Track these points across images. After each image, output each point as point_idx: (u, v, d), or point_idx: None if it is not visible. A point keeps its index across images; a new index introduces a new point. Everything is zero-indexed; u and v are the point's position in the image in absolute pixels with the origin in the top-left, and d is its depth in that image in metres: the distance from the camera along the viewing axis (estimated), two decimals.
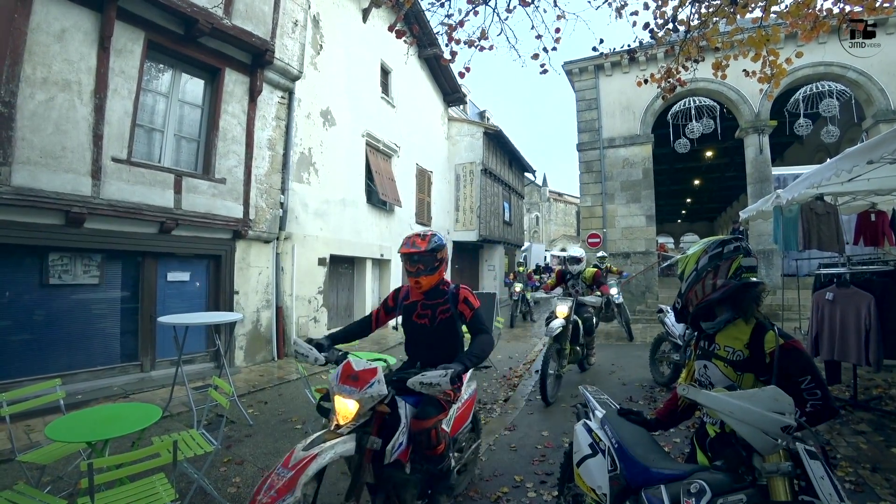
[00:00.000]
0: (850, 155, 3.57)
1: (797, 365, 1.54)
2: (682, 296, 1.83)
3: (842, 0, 3.62)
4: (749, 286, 1.67)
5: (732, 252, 1.70)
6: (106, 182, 5.28)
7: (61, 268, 5.25)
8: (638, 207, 12.64)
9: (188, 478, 3.05)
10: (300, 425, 4.59)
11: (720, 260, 1.70)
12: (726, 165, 18.02)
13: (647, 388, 5.60)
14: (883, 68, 10.56)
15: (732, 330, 1.71)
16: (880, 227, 5.68)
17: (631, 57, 11.75)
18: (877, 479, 3.05)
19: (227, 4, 6.35)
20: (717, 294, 1.68)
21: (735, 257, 1.69)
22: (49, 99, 4.85)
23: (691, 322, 1.83)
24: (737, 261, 1.68)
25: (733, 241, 1.73)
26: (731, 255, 1.69)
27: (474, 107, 26.68)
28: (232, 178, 6.82)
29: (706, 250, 1.75)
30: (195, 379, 5.78)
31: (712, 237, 1.84)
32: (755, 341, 1.62)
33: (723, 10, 3.97)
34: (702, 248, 1.78)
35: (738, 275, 1.67)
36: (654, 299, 12.09)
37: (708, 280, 1.71)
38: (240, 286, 7.08)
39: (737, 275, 1.67)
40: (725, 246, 1.72)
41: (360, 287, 10.99)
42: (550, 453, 3.78)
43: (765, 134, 11.45)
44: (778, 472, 1.27)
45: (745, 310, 1.69)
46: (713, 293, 1.70)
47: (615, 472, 1.79)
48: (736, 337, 1.68)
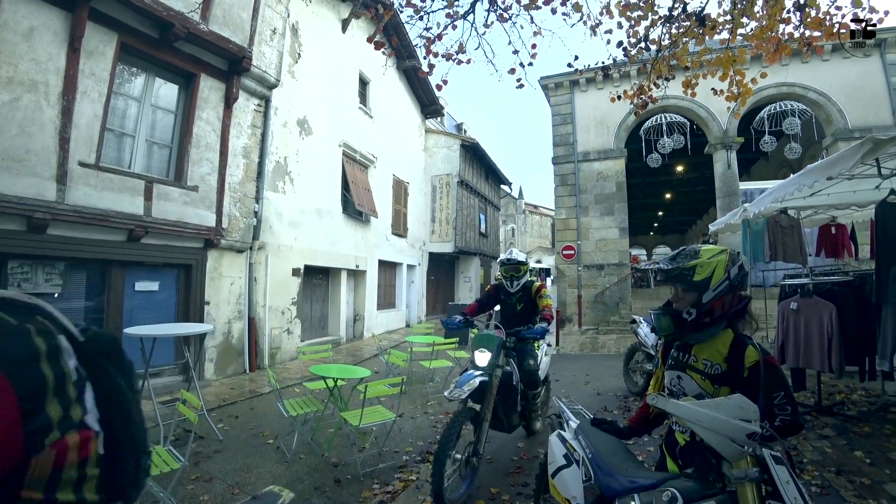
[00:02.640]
0: (811, 171, 3.74)
1: (773, 380, 1.57)
2: (700, 305, 1.65)
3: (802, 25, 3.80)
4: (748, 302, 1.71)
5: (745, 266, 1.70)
6: (72, 187, 5.11)
7: (21, 276, 5.02)
8: (611, 220, 12.91)
9: (153, 496, 2.93)
10: (272, 440, 4.47)
11: (745, 272, 1.69)
12: (696, 180, 18.59)
13: (622, 398, 5.67)
14: (841, 90, 11.14)
15: (713, 344, 1.70)
16: (840, 240, 5.94)
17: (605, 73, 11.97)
18: (841, 481, 3.15)
19: (204, 9, 6.26)
20: (739, 306, 1.67)
21: (749, 272, 1.71)
22: (14, 99, 4.68)
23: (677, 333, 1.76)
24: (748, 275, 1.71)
25: (739, 253, 1.72)
26: (747, 270, 1.70)
27: (452, 119, 26.89)
28: (205, 185, 6.68)
29: (733, 260, 1.67)
30: (162, 393, 5.58)
31: (721, 246, 1.75)
32: (734, 355, 1.63)
33: (692, 31, 4.12)
34: (726, 257, 1.67)
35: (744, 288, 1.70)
36: (627, 310, 12.30)
37: (736, 292, 1.67)
38: (211, 297, 6.91)
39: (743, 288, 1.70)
40: (741, 258, 1.70)
41: (335, 298, 10.86)
42: (526, 465, 3.78)
43: (732, 150, 11.88)
44: (746, 478, 1.30)
45: (737, 325, 1.72)
46: (738, 305, 1.67)
47: (590, 482, 1.80)
48: (716, 350, 1.68)
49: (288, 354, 8.40)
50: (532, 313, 4.06)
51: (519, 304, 4.16)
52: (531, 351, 3.91)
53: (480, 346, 3.46)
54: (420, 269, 15.75)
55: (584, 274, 12.97)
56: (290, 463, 3.89)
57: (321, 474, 3.70)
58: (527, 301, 4.13)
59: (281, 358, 8.28)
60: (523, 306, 4.15)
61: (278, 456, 4.05)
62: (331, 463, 3.90)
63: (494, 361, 3.37)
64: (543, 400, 4.42)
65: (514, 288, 4.10)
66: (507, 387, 3.50)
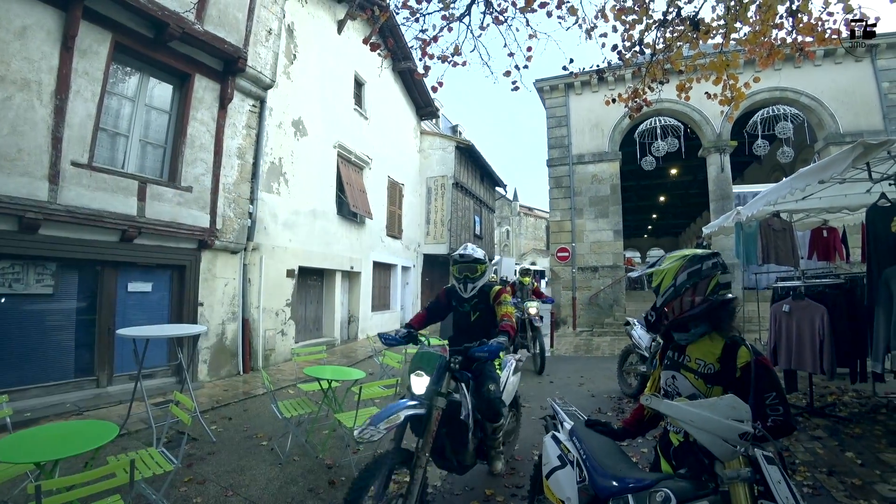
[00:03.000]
0: (803, 175, 3.78)
1: (765, 381, 1.58)
2: (656, 309, 1.80)
3: (794, 31, 3.85)
4: (726, 303, 1.70)
5: (711, 269, 1.69)
6: (64, 187, 5.07)
7: (12, 276, 4.98)
8: (606, 222, 12.96)
9: (146, 499, 2.90)
10: (266, 441, 4.45)
11: (699, 277, 1.69)
12: (690, 183, 18.73)
13: (616, 400, 5.69)
14: (833, 95, 11.26)
15: (705, 343, 1.73)
16: (832, 243, 6.00)
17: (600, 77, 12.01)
18: (833, 482, 3.18)
19: (199, 9, 6.24)
20: (696, 310, 1.69)
21: (714, 275, 1.69)
22: (6, 98, 4.64)
23: (663, 333, 1.85)
24: (715, 278, 1.68)
25: (711, 258, 1.72)
26: (710, 273, 1.69)
27: (447, 121, 26.91)
28: (199, 186, 6.65)
29: (684, 266, 1.73)
30: (155, 394, 5.54)
31: (686, 251, 1.84)
32: (727, 356, 1.66)
33: (686, 35, 4.16)
34: (679, 264, 1.76)
35: (716, 291, 1.68)
36: (621, 312, 12.35)
37: (686, 297, 1.70)
38: (205, 298, 6.87)
39: (714, 292, 1.68)
40: (704, 263, 1.71)
41: (330, 300, 10.83)
42: (520, 466, 3.78)
43: (726, 153, 11.98)
44: (738, 477, 1.31)
45: (721, 325, 1.73)
46: (692, 309, 1.69)
47: (584, 483, 1.81)
48: (709, 350, 1.71)
49: (282, 356, 8.37)
50: (491, 325, 3.24)
51: (474, 312, 3.40)
52: (491, 372, 3.08)
53: (418, 369, 2.67)
54: (415, 270, 15.73)
55: (578, 276, 13.01)
56: (283, 465, 3.87)
57: (315, 476, 3.69)
58: (483, 309, 3.37)
59: (275, 359, 8.24)
60: (479, 316, 3.39)
61: (272, 458, 4.04)
62: (325, 465, 3.88)
63: (435, 388, 2.61)
64: (510, 429, 3.58)
65: (468, 292, 3.35)
66: (453, 420, 2.71)
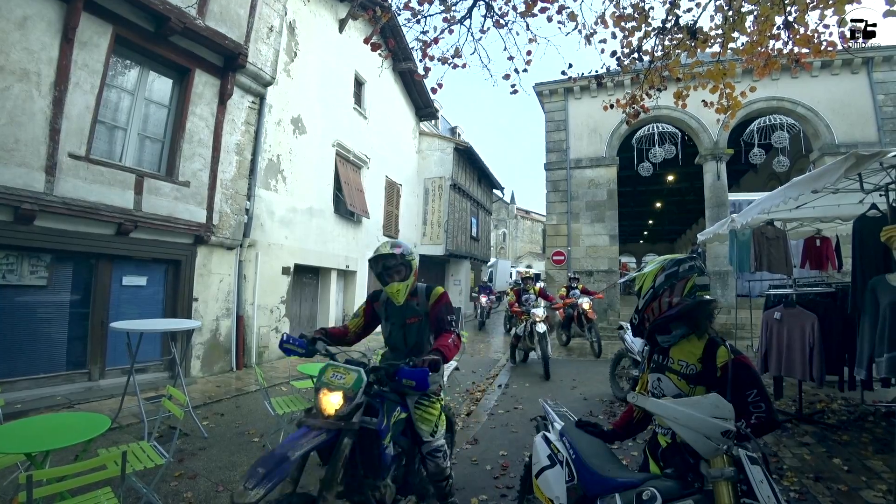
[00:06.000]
0: (797, 184, 3.82)
1: (745, 379, 1.63)
2: (639, 312, 1.88)
3: (791, 42, 3.89)
4: (703, 304, 1.75)
5: (687, 271, 1.78)
6: (61, 179, 5.06)
7: (6, 267, 4.96)
8: (602, 227, 13.00)
9: (136, 492, 2.90)
10: (258, 438, 4.45)
11: (676, 279, 1.78)
12: (686, 189, 18.81)
13: (607, 403, 5.72)
14: (829, 106, 11.35)
15: (686, 345, 1.79)
16: (825, 252, 6.05)
17: (599, 82, 12.20)
18: (819, 487, 3.21)
19: (201, 5, 6.25)
20: (673, 311, 1.75)
21: (690, 276, 1.76)
22: (5, 88, 4.64)
23: (648, 336, 1.90)
24: (691, 280, 1.76)
25: (688, 261, 1.81)
26: (687, 275, 1.77)
27: (446, 122, 26.94)
28: (196, 181, 6.65)
29: (663, 268, 1.81)
30: (147, 389, 5.52)
31: (668, 256, 1.92)
32: (708, 356, 1.71)
33: (684, 43, 4.20)
34: (658, 267, 1.84)
35: (692, 293, 1.75)
36: (615, 316, 12.39)
37: (664, 298, 1.78)
38: (199, 293, 6.86)
39: (691, 293, 1.75)
40: (681, 265, 1.79)
41: (325, 298, 10.83)
42: (511, 467, 3.80)
43: (722, 161, 12.04)
44: (722, 476, 1.34)
45: (699, 326, 1.78)
46: (669, 310, 1.76)
47: (572, 483, 1.83)
48: (690, 351, 1.76)
49: (276, 353, 8.35)
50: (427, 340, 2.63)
51: (408, 323, 2.65)
52: (426, 406, 2.47)
53: (324, 385, 2.13)
54: None
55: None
56: None
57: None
58: (423, 319, 2.64)
59: (268, 356, 8.23)
60: (418, 327, 2.64)
61: None
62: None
63: (345, 411, 2.06)
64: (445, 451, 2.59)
65: (400, 298, 2.59)
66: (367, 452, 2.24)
